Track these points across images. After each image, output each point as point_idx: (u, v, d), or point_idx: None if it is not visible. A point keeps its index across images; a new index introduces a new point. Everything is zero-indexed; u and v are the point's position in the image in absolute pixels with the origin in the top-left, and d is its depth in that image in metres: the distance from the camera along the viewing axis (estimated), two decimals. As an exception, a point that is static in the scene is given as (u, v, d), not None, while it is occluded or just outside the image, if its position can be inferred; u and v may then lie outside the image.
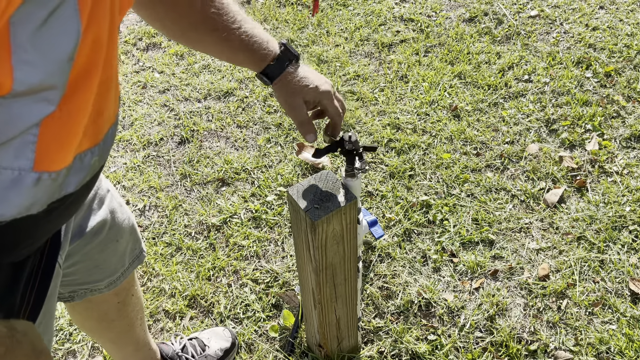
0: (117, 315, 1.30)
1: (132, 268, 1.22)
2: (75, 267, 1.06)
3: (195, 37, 1.01)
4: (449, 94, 2.49)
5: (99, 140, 0.69)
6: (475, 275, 1.81)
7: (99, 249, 1.08)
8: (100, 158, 0.71)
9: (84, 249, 1.04)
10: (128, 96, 2.63)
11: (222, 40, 0.98)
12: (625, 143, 2.20)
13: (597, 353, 1.60)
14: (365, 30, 2.90)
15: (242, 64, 1.05)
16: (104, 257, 1.11)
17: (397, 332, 1.67)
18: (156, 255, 1.94)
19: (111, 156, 2.33)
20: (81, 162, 0.66)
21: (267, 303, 1.78)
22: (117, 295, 1.25)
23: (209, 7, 0.95)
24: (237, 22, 0.98)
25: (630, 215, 1.93)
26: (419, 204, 2.02)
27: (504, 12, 2.93)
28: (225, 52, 1.03)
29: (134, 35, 3.02)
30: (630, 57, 2.57)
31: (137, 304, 1.35)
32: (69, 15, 0.52)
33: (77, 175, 0.67)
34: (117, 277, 1.18)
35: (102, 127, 0.69)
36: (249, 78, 2.67)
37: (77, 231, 1.01)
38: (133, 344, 1.41)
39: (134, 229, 1.19)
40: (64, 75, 0.55)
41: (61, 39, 0.53)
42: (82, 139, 0.64)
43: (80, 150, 0.65)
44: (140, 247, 1.23)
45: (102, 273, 1.14)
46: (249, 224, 2.01)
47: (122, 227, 1.13)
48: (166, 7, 0.96)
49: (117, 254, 1.15)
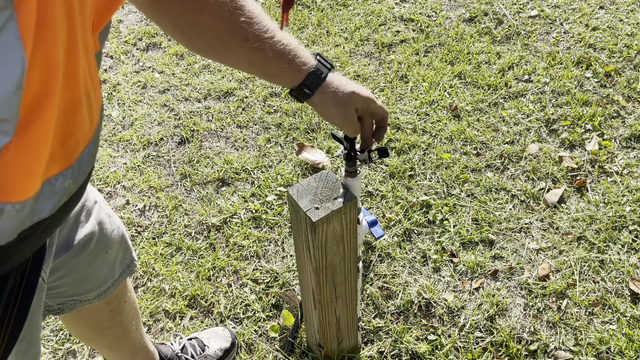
0: (111, 323, 1.28)
1: (122, 278, 1.20)
2: (63, 280, 1.04)
3: (223, 49, 0.94)
4: (449, 94, 2.49)
5: (72, 162, 0.65)
6: (475, 275, 1.81)
7: (87, 262, 1.06)
8: (75, 180, 0.67)
9: (71, 262, 1.02)
10: (128, 96, 2.63)
11: (255, 50, 0.92)
12: (625, 143, 2.20)
13: (597, 353, 1.60)
14: (365, 30, 2.90)
15: (276, 76, 0.97)
16: (93, 269, 1.09)
17: (397, 332, 1.67)
18: (156, 255, 1.94)
19: (111, 156, 2.33)
20: (52, 187, 0.63)
21: (267, 303, 1.78)
22: (109, 304, 1.23)
23: (238, 16, 0.89)
24: (270, 31, 0.92)
25: (630, 215, 1.93)
26: (419, 204, 2.02)
27: (504, 12, 2.93)
28: (257, 64, 0.95)
29: (134, 35, 3.02)
30: (630, 57, 2.57)
31: (131, 309, 1.32)
32: (9, 44, 0.50)
33: (50, 200, 0.64)
34: (107, 287, 1.16)
35: (75, 149, 0.65)
36: (248, 78, 2.67)
37: (63, 244, 0.99)
38: (130, 349, 1.40)
39: (124, 239, 1.16)
40: (14, 106, 0.53)
41: (5, 71, 0.50)
42: (50, 164, 0.61)
43: (49, 175, 0.62)
44: (131, 257, 1.21)
45: (92, 284, 1.12)
46: (249, 224, 2.01)
47: (110, 238, 1.10)
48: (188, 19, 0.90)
49: (106, 265, 1.13)
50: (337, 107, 0.99)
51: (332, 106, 0.99)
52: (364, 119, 1.05)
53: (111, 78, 2.75)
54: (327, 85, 0.98)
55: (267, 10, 3.12)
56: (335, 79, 0.98)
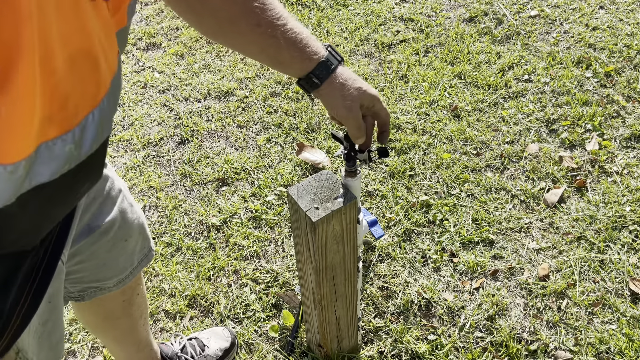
0: (122, 314, 1.30)
1: (140, 267, 1.22)
2: (82, 265, 1.06)
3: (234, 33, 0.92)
4: (449, 93, 2.49)
5: (73, 126, 0.63)
6: (475, 275, 1.81)
7: (106, 248, 1.07)
8: (78, 146, 0.65)
9: (91, 247, 1.04)
10: (128, 96, 2.63)
11: (266, 36, 0.91)
12: (625, 143, 2.20)
13: (597, 353, 1.60)
14: (365, 30, 2.90)
15: (285, 64, 0.96)
16: (112, 256, 1.11)
17: (397, 332, 1.67)
18: (156, 255, 1.94)
19: (111, 156, 2.33)
20: (49, 151, 0.61)
21: (267, 303, 1.78)
22: (124, 293, 1.25)
23: (251, 0, 0.88)
24: (283, 18, 0.91)
25: (630, 215, 1.93)
26: (419, 204, 2.02)
27: (504, 12, 2.93)
28: (267, 50, 0.94)
29: (134, 35, 3.02)
30: (630, 57, 2.57)
31: (142, 303, 1.35)
32: None
33: (49, 165, 0.62)
34: (125, 275, 1.18)
35: (75, 112, 0.63)
36: (248, 78, 2.67)
37: (85, 229, 1.00)
38: (136, 344, 1.42)
39: (144, 228, 1.18)
40: None
41: None
42: (46, 126, 0.59)
43: (45, 139, 0.60)
44: (149, 246, 1.23)
45: (111, 271, 1.14)
46: (249, 224, 2.01)
47: (131, 227, 1.12)
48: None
49: (125, 253, 1.15)
50: (344, 99, 0.98)
51: (338, 98, 0.98)
52: (367, 118, 1.04)
53: (111, 78, 2.74)
54: (336, 77, 0.97)
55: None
56: (345, 72, 0.98)
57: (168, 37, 2.99)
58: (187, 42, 2.93)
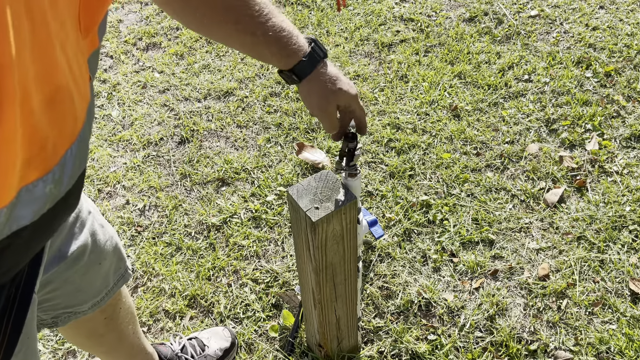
0: (106, 330, 1.27)
1: (117, 288, 1.18)
2: (56, 293, 1.03)
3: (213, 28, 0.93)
4: (449, 93, 2.49)
5: (52, 166, 0.61)
6: (475, 275, 1.81)
7: (80, 273, 1.04)
8: (57, 185, 0.63)
9: (64, 274, 1.00)
10: (128, 96, 2.63)
11: (245, 33, 0.91)
12: (625, 143, 2.20)
13: (597, 353, 1.60)
14: (365, 30, 2.90)
15: (267, 59, 0.96)
16: (86, 281, 1.07)
17: (397, 332, 1.66)
18: (156, 255, 1.94)
19: (111, 156, 2.33)
20: (30, 194, 0.60)
21: (267, 303, 1.78)
22: (104, 311, 1.21)
23: None
24: (265, 15, 0.90)
25: (630, 215, 1.93)
26: (419, 204, 2.02)
27: (504, 12, 2.93)
28: (246, 45, 0.94)
29: (133, 35, 3.02)
30: (630, 57, 2.57)
31: (127, 315, 1.31)
32: None
33: (30, 207, 0.61)
34: (101, 297, 1.14)
35: (54, 152, 0.61)
36: (248, 78, 2.67)
37: (56, 256, 0.97)
38: (127, 353, 1.38)
39: (118, 249, 1.14)
40: None
41: None
42: (26, 170, 0.57)
43: (26, 182, 0.58)
44: (124, 266, 1.19)
45: (85, 295, 1.10)
46: (249, 224, 2.01)
47: (104, 249, 1.08)
48: None
49: (100, 276, 1.11)
50: (319, 99, 0.98)
51: (314, 97, 0.98)
52: (343, 114, 1.05)
53: (111, 78, 2.75)
54: (316, 75, 0.96)
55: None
56: (326, 71, 0.97)
57: (168, 37, 2.99)
58: (187, 42, 2.93)
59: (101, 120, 2.51)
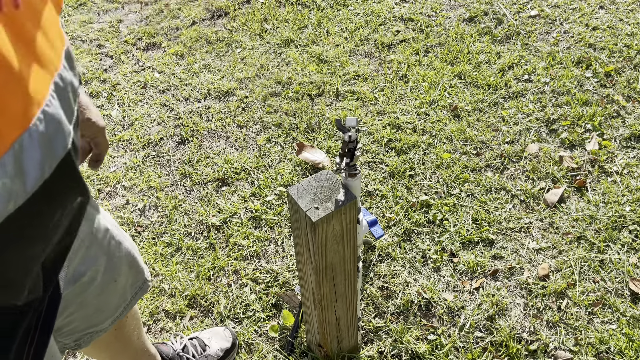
0: (114, 339, 1.27)
1: (135, 301, 1.16)
2: (73, 316, 1.02)
3: None
4: (449, 93, 2.49)
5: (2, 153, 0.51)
6: (475, 275, 1.81)
7: (95, 294, 1.02)
8: (13, 180, 0.52)
9: (78, 297, 0.99)
10: (128, 96, 2.63)
11: None
12: (625, 143, 2.20)
13: (597, 353, 1.60)
14: (365, 30, 2.90)
15: None
16: (102, 300, 1.06)
17: (397, 332, 1.67)
18: (156, 255, 1.94)
19: (111, 156, 2.33)
20: None
21: (267, 303, 1.78)
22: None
23: None
24: None
25: (630, 215, 1.93)
26: (419, 204, 2.02)
27: (504, 12, 2.93)
28: None
29: (133, 35, 3.02)
30: (630, 57, 2.57)
31: (133, 321, 1.30)
32: None
33: None
34: (119, 313, 1.14)
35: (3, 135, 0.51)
36: (248, 78, 2.67)
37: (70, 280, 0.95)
38: (131, 356, 1.39)
39: (135, 263, 1.12)
40: None
41: None
42: None
43: None
44: (143, 278, 1.17)
45: (104, 315, 1.10)
46: (249, 224, 2.01)
47: (119, 266, 1.06)
48: None
49: (117, 294, 1.10)
50: None
51: None
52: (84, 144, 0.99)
53: (111, 78, 2.75)
54: None
55: (267, 10, 3.12)
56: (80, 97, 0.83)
57: (168, 37, 2.99)
58: (187, 42, 2.92)
59: (101, 120, 2.51)
